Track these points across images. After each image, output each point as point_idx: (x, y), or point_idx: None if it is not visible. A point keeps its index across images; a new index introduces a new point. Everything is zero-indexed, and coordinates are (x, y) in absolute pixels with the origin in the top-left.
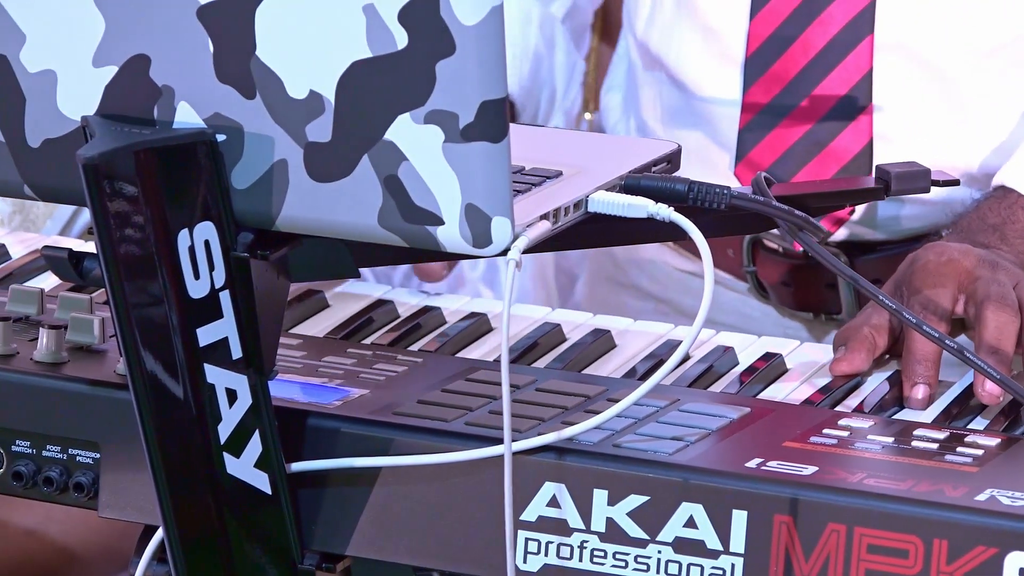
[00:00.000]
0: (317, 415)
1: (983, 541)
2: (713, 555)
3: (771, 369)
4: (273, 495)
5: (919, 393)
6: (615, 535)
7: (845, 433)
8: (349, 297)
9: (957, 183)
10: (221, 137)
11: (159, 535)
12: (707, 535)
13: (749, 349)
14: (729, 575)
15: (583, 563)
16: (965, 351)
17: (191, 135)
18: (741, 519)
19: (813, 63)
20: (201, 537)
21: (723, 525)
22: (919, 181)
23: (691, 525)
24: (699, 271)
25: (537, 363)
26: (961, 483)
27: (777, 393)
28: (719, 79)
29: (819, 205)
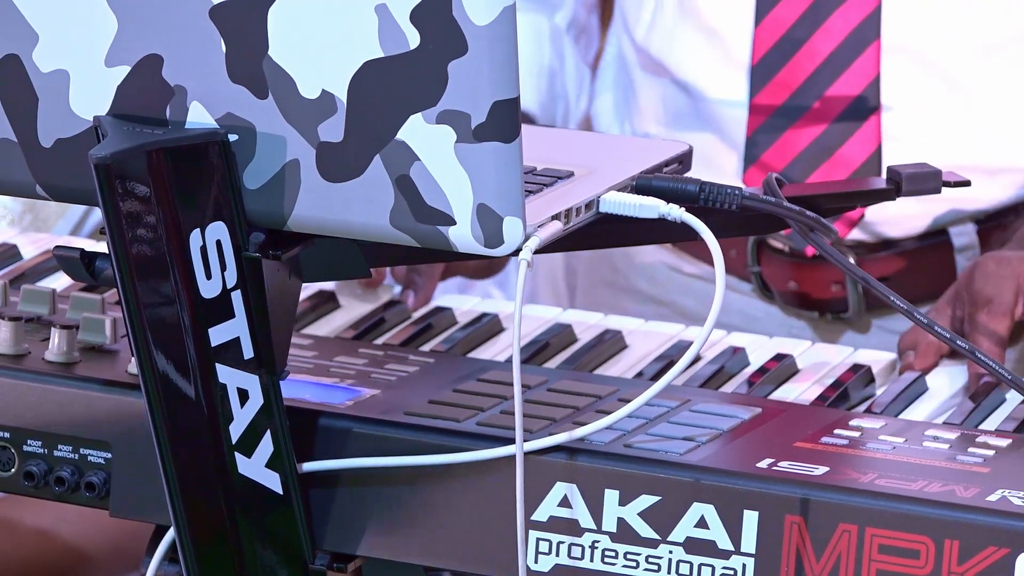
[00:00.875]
0: (328, 415)
1: (994, 542)
2: (724, 555)
3: (782, 369)
4: (284, 495)
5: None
6: (626, 535)
7: (856, 433)
8: (361, 297)
9: (968, 184)
10: (233, 137)
11: (170, 535)
12: (718, 535)
13: (760, 350)
14: (740, 575)
15: (594, 563)
16: (977, 352)
17: (203, 135)
18: (752, 519)
19: (821, 69)
20: (212, 537)
21: (734, 525)
22: (930, 182)
23: (702, 525)
24: (699, 273)
25: (548, 363)
26: (972, 483)
27: (788, 394)
28: (725, 81)
29: (830, 206)
